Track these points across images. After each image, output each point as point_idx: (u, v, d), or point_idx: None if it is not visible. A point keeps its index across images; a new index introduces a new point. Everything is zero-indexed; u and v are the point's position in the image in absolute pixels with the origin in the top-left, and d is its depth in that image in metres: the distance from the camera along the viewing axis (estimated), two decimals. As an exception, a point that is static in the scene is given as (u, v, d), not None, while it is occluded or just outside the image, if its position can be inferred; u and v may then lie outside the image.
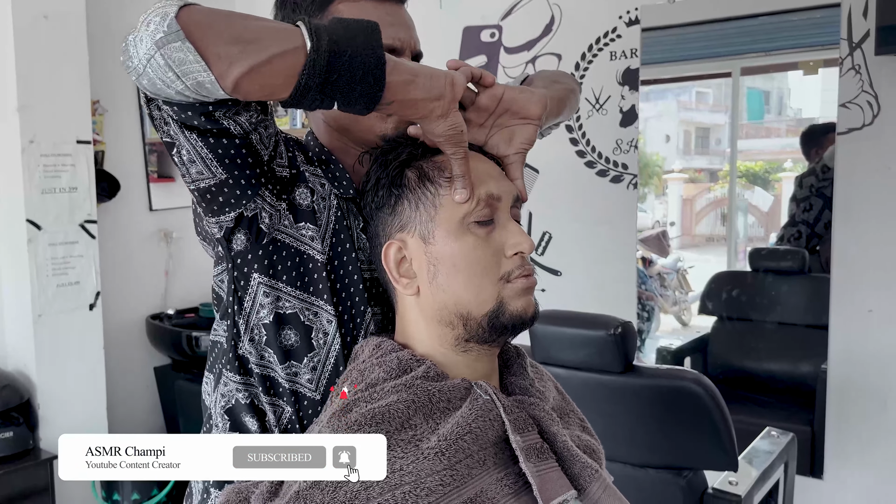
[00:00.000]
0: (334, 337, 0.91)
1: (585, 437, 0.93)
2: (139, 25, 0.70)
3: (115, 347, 3.08)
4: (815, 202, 2.50)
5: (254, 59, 0.69)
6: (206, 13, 0.70)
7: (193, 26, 0.68)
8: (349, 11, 0.92)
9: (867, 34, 2.12)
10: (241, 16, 0.72)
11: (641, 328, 2.97)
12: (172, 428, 3.33)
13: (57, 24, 2.67)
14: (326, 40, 0.70)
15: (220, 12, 0.71)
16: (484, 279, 0.83)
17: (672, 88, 3.21)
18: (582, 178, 2.68)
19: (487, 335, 0.84)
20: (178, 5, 0.69)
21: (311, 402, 0.92)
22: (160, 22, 0.68)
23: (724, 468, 1.76)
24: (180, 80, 0.70)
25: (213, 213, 0.88)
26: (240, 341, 0.93)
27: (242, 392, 0.93)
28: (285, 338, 0.91)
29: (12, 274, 2.74)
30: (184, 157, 0.83)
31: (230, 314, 0.93)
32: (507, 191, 0.88)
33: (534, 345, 1.88)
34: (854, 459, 2.25)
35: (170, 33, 0.68)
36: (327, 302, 0.91)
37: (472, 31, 2.87)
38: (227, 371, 0.95)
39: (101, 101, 3.09)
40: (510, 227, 0.86)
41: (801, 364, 2.53)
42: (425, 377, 0.82)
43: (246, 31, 0.70)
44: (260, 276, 0.90)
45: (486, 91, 0.91)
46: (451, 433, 0.76)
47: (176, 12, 0.68)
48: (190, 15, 0.69)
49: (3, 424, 2.59)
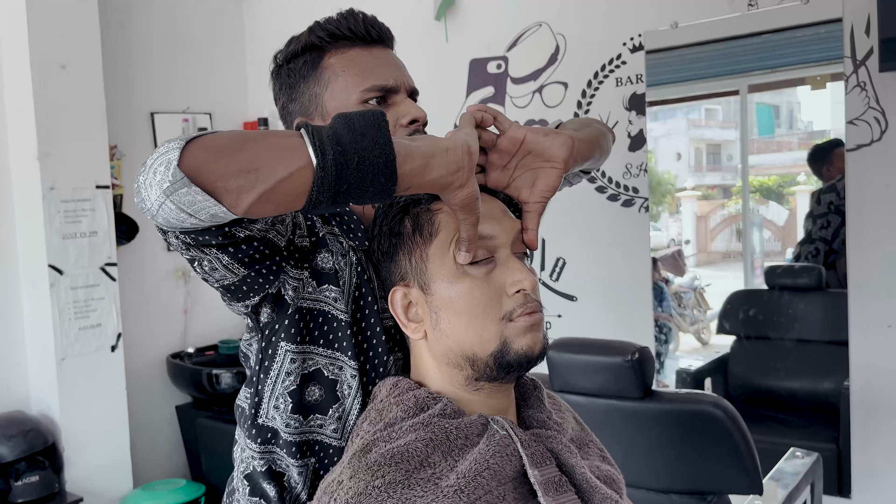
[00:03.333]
0: (357, 388, 0.92)
1: (605, 468, 0.93)
2: (147, 169, 0.70)
3: (137, 387, 3.11)
4: (833, 219, 2.50)
5: (262, 187, 0.68)
6: (207, 149, 0.68)
7: (197, 169, 0.67)
8: (340, 63, 0.95)
9: (871, 51, 2.13)
10: (242, 139, 0.70)
11: (660, 350, 2.95)
12: (195, 465, 3.34)
13: (74, 72, 2.74)
14: (332, 154, 0.68)
15: (221, 141, 0.69)
16: (485, 320, 0.83)
17: (681, 107, 3.22)
18: (593, 203, 2.69)
19: (496, 374, 0.84)
20: (179, 148, 0.68)
21: (336, 451, 0.93)
22: (165, 171, 0.68)
23: (749, 492, 1.75)
24: (194, 217, 0.70)
25: (238, 300, 0.90)
26: (260, 410, 0.94)
27: (258, 460, 0.95)
28: (309, 394, 0.92)
29: (35, 318, 2.79)
30: (205, 267, 0.84)
31: (255, 382, 0.95)
32: (505, 230, 0.87)
33: (552, 373, 1.89)
34: (882, 477, 2.21)
35: (175, 181, 0.67)
36: (352, 357, 0.92)
37: (479, 63, 2.91)
38: (246, 438, 0.96)
39: (118, 145, 3.16)
40: (511, 265, 0.85)
41: (823, 381, 2.50)
42: (442, 414, 0.83)
43: (249, 160, 0.68)
44: (287, 345, 0.91)
45: (506, 134, 0.89)
46: (470, 470, 0.77)
47: (178, 158, 0.67)
48: (192, 157, 0.67)
49: (30, 469, 2.62)
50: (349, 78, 0.94)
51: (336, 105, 0.94)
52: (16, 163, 2.77)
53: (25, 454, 2.61)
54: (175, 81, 3.40)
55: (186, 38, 3.44)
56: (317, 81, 0.96)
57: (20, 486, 2.59)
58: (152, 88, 3.32)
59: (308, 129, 0.69)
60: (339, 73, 0.94)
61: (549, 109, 2.77)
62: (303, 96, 0.97)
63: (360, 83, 0.94)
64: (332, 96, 0.95)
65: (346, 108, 0.94)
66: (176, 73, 3.40)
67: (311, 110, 0.97)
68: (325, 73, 0.95)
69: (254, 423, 0.94)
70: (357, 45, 0.96)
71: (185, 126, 3.46)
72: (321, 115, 0.96)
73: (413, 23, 3.00)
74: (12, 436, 2.61)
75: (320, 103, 0.96)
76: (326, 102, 0.95)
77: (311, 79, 0.96)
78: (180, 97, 3.41)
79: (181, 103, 3.42)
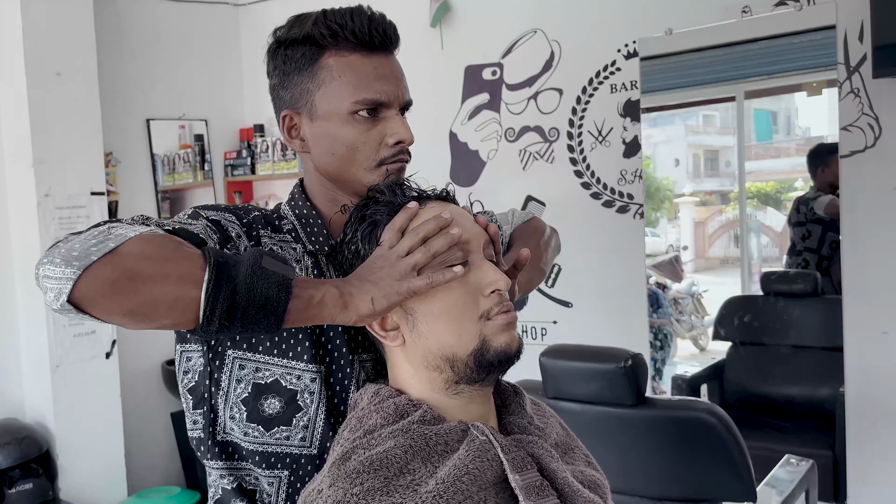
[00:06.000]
0: (320, 393, 0.91)
1: (590, 472, 0.93)
2: (40, 276, 0.74)
3: (132, 394, 3.10)
4: (814, 228, 2.50)
5: (146, 325, 0.74)
6: (99, 284, 0.71)
7: (86, 302, 0.71)
8: (338, 65, 0.94)
9: (864, 58, 2.13)
10: (135, 279, 0.72)
11: (656, 356, 2.95)
12: (190, 473, 3.33)
13: (69, 80, 2.75)
14: (217, 324, 0.73)
15: (115, 274, 0.71)
16: (463, 320, 0.84)
17: (679, 113, 3.22)
18: (588, 209, 2.69)
19: (476, 374, 0.84)
20: (72, 280, 0.70)
21: (308, 459, 0.92)
22: (54, 299, 0.72)
23: (743, 499, 1.74)
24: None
25: None
26: (217, 426, 0.93)
27: (226, 478, 0.94)
28: (269, 406, 0.91)
29: (30, 325, 2.79)
30: None
31: (206, 399, 0.93)
32: (475, 234, 0.88)
33: (545, 380, 1.88)
34: (877, 483, 2.21)
35: (64, 309, 0.72)
36: (310, 362, 0.91)
37: (474, 70, 2.92)
38: (208, 460, 0.95)
39: (114, 152, 3.16)
40: (485, 267, 0.86)
41: (819, 388, 2.50)
42: (422, 421, 0.82)
43: (141, 304, 0.72)
44: (235, 351, 0.91)
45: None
46: (449, 476, 0.77)
47: (69, 291, 0.70)
48: (83, 289, 0.70)
49: (24, 476, 2.61)
50: (344, 85, 0.93)
51: (327, 108, 0.94)
52: (11, 170, 2.77)
53: (19, 462, 2.60)
54: (171, 88, 3.40)
55: (182, 45, 3.44)
56: (311, 78, 0.95)
57: (14, 494, 2.58)
58: (148, 95, 3.32)
59: (209, 284, 0.73)
60: (335, 76, 0.94)
61: (544, 116, 2.77)
62: (295, 87, 0.96)
63: (354, 93, 0.93)
64: (324, 98, 0.94)
65: (336, 113, 0.94)
66: (172, 79, 3.40)
67: (301, 105, 0.96)
68: (321, 73, 0.94)
69: (214, 442, 0.93)
70: (358, 50, 0.94)
71: (181, 133, 3.46)
72: (309, 112, 0.96)
73: (409, 29, 2.98)
74: (6, 443, 2.61)
75: (310, 101, 0.95)
76: (317, 102, 0.95)
77: (305, 73, 0.95)
78: (176, 104, 3.42)
79: (177, 110, 3.42)
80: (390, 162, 0.95)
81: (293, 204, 1.02)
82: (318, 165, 0.98)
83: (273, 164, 3.48)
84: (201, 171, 3.53)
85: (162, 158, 3.42)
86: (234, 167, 3.61)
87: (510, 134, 2.86)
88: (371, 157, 0.95)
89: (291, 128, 0.98)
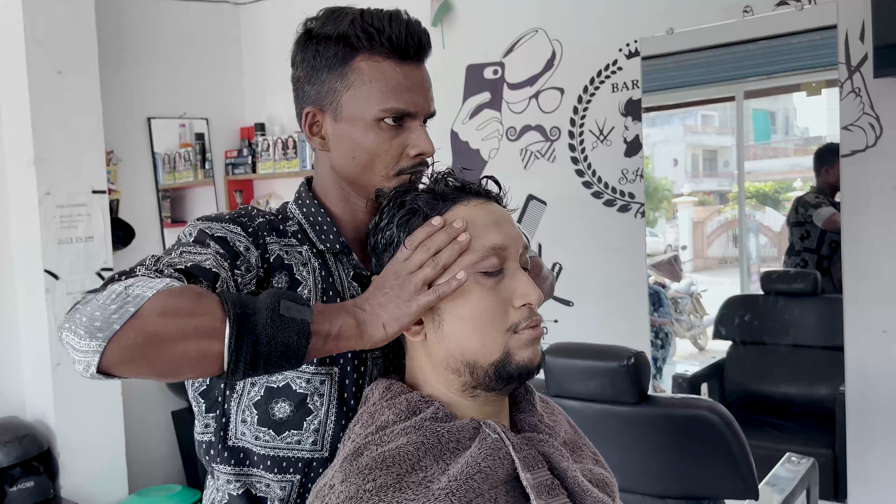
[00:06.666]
0: (330, 396, 0.92)
1: (598, 471, 0.93)
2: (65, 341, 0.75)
3: (133, 393, 3.10)
4: (813, 229, 2.50)
5: (172, 379, 0.79)
6: (126, 350, 0.72)
7: (114, 369, 0.73)
8: (370, 71, 0.93)
9: (865, 57, 2.14)
10: (161, 340, 0.73)
11: (656, 355, 2.95)
12: (191, 471, 3.33)
13: (71, 78, 2.74)
14: (242, 371, 0.76)
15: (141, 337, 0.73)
16: (491, 329, 0.84)
17: (678, 113, 3.23)
18: (590, 208, 2.70)
19: (494, 384, 0.84)
20: (99, 352, 0.71)
21: (320, 463, 0.92)
22: (83, 371, 0.74)
23: (744, 496, 1.74)
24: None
25: None
26: (229, 431, 0.93)
27: (234, 483, 0.94)
28: (279, 410, 0.91)
29: (30, 324, 2.78)
30: None
31: (220, 402, 0.94)
32: (514, 241, 0.87)
33: (547, 377, 1.89)
34: (878, 481, 2.21)
35: (93, 376, 0.74)
36: (319, 365, 0.91)
37: (475, 69, 2.92)
38: (217, 464, 0.95)
39: (115, 151, 3.16)
40: (519, 277, 0.85)
41: (819, 387, 2.50)
42: (434, 418, 0.82)
43: (166, 365, 0.75)
44: None
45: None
46: (461, 473, 0.77)
47: (98, 362, 0.72)
48: (110, 358, 0.72)
49: (24, 474, 2.61)
50: (373, 91, 0.92)
51: (352, 111, 0.93)
52: (12, 168, 2.77)
53: (20, 460, 2.60)
54: (172, 87, 3.40)
55: (183, 44, 3.44)
56: (340, 78, 0.94)
57: (15, 492, 2.58)
58: (149, 93, 3.32)
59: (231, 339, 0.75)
60: (365, 81, 0.93)
61: (546, 115, 2.78)
62: (322, 85, 0.95)
63: (383, 101, 0.92)
64: (351, 101, 0.93)
65: (361, 117, 0.93)
66: (173, 78, 3.40)
67: (326, 103, 0.95)
68: (351, 75, 0.93)
69: (224, 447, 0.94)
70: (392, 57, 0.93)
71: (181, 131, 3.46)
72: (333, 112, 0.95)
73: (410, 29, 3.00)
74: (7, 441, 2.61)
75: (337, 101, 0.94)
76: (343, 103, 0.94)
77: (335, 72, 0.94)
78: (177, 102, 3.42)
79: (178, 108, 3.42)
80: (409, 172, 0.95)
81: (300, 203, 1.02)
82: (335, 166, 0.98)
83: (274, 163, 3.48)
84: (202, 169, 3.53)
85: (163, 157, 3.42)
86: (234, 166, 3.61)
87: (511, 133, 2.86)
88: (390, 166, 0.94)
89: (313, 124, 0.97)
